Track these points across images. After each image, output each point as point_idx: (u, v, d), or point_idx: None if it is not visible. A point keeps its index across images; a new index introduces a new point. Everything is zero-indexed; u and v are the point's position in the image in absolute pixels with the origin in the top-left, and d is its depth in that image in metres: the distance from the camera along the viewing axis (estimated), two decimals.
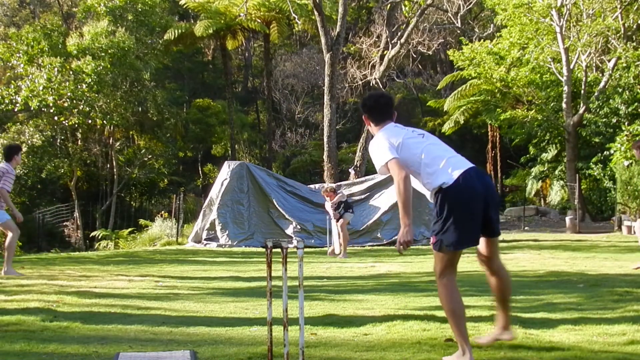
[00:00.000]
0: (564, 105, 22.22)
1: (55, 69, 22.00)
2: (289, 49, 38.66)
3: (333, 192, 12.67)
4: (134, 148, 27.59)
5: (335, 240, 12.35)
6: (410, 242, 3.76)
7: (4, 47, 23.55)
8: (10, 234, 8.52)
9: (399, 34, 25.35)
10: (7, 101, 22.46)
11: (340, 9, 21.22)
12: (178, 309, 5.92)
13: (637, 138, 18.24)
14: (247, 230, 15.30)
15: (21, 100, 22.10)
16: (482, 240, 3.97)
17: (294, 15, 23.85)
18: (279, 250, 3.67)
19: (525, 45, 22.65)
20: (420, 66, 35.80)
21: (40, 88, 21.93)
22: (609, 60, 21.75)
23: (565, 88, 21.75)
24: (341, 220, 12.28)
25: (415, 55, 30.74)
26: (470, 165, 3.90)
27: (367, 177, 17.00)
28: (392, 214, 14.81)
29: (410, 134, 4.02)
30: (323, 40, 20.89)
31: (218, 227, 15.25)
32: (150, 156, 26.35)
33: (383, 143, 3.94)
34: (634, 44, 20.91)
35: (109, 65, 22.66)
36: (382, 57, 25.67)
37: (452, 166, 3.85)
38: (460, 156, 3.99)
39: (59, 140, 24.50)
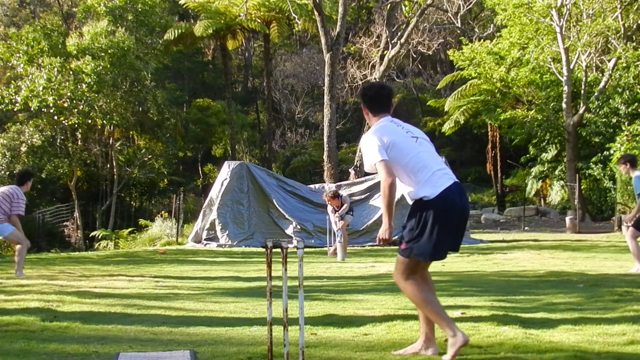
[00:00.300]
0: (564, 105, 22.23)
1: (55, 69, 21.98)
2: (289, 49, 38.68)
3: (335, 197, 12.40)
4: (134, 148, 27.56)
5: (340, 249, 12.01)
6: (389, 240, 3.88)
7: (4, 47, 23.52)
8: (18, 246, 8.59)
9: (399, 34, 25.35)
10: (7, 101, 22.44)
11: (340, 9, 21.22)
12: (178, 308, 5.92)
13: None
14: (247, 230, 15.28)
15: (21, 100, 22.07)
16: None
17: (294, 15, 23.86)
18: (279, 250, 3.67)
19: (525, 45, 22.66)
20: (420, 66, 35.83)
21: (40, 88, 21.90)
22: (609, 60, 21.76)
23: (565, 88, 21.76)
24: (341, 222, 12.18)
25: (415, 55, 30.77)
26: (454, 180, 3.95)
27: (367, 177, 16.95)
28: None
29: (404, 135, 4.01)
30: (323, 40, 20.89)
31: (218, 227, 15.23)
32: (150, 156, 26.33)
33: (374, 141, 3.94)
34: (634, 44, 20.92)
35: (108, 65, 22.65)
36: (382, 57, 25.68)
37: (438, 180, 3.88)
38: (447, 168, 4.04)
39: (59, 140, 24.47)
